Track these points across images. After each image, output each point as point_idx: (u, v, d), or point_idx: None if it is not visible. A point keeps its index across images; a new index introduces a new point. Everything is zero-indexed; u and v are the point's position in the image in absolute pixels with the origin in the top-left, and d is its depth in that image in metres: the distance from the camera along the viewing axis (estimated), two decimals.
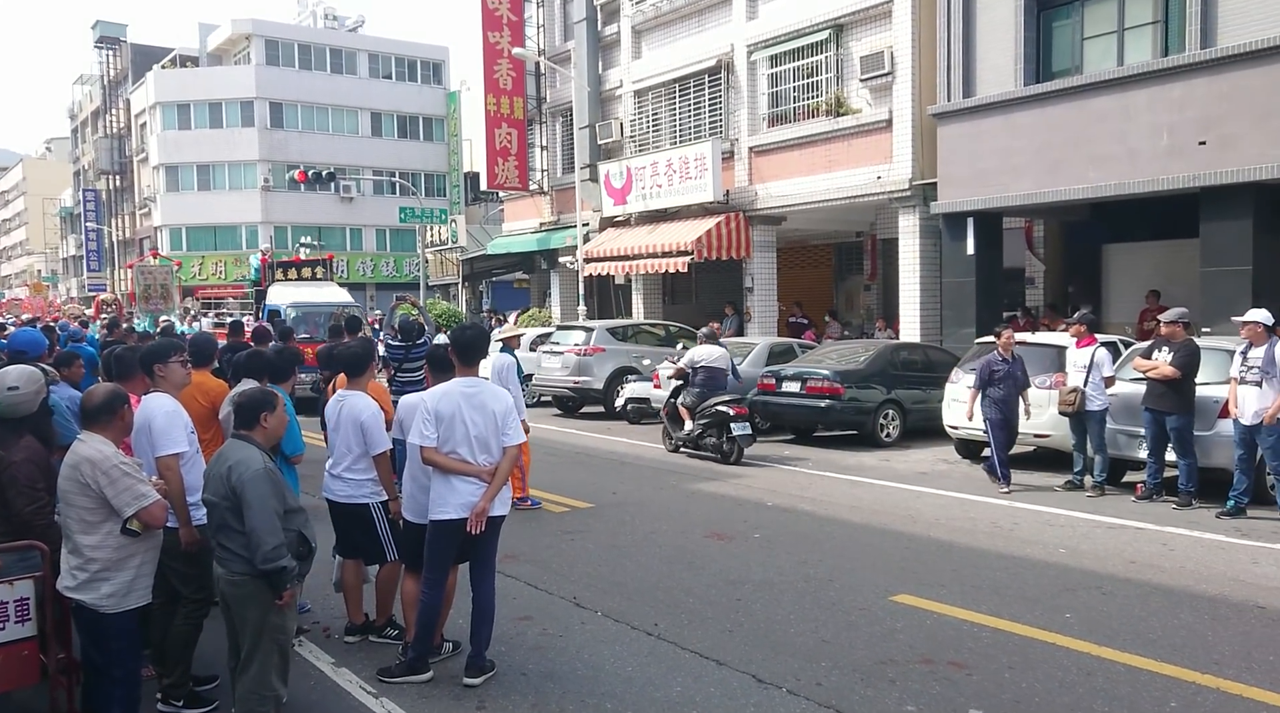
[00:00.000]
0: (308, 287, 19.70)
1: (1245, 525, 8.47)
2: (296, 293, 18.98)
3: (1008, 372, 10.23)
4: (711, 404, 12.28)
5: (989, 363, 10.33)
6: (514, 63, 25.63)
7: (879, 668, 5.32)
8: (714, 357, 12.58)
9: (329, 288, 20.20)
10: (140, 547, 4.15)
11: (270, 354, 6.06)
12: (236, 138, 47.50)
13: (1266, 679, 5.06)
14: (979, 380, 10.35)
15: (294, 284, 19.62)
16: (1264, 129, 11.88)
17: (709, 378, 12.48)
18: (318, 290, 19.42)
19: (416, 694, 5.07)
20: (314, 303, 18.98)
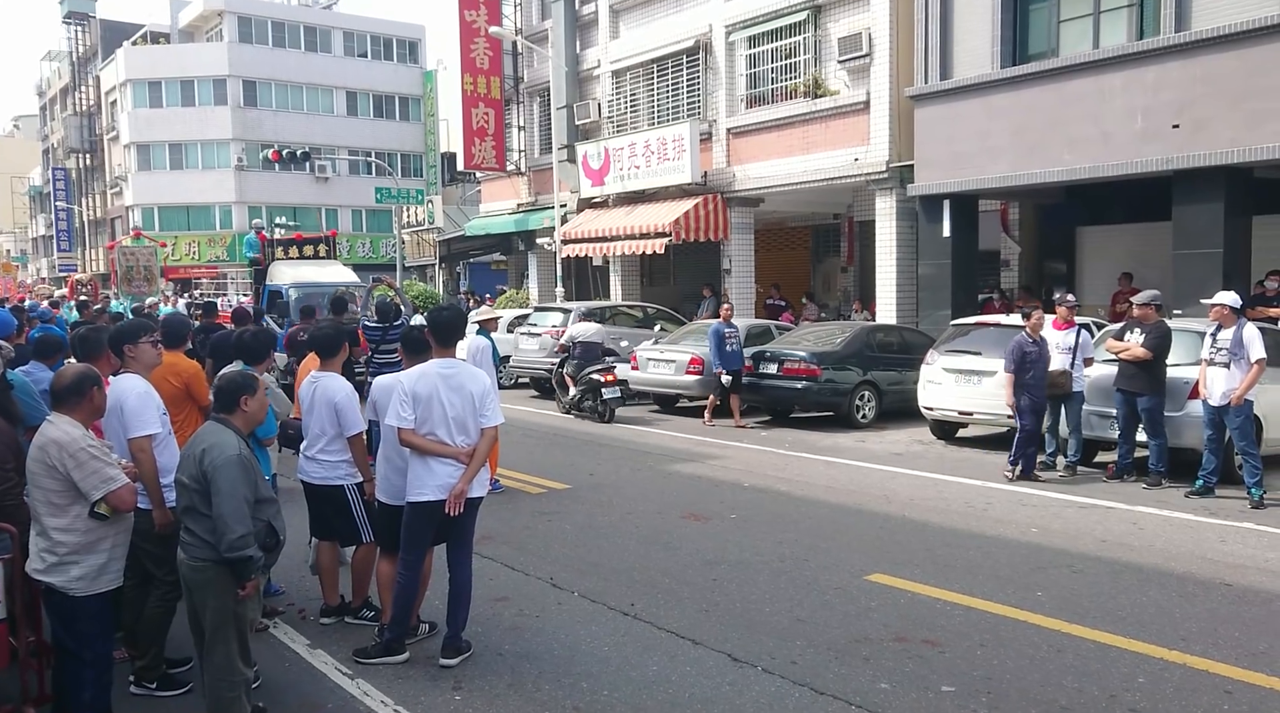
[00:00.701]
0: (310, 265, 18.27)
1: (1213, 505, 8.60)
2: (298, 272, 17.64)
3: (1039, 355, 9.74)
4: (586, 373, 14.26)
5: (1020, 345, 9.75)
6: (491, 42, 25.42)
7: (853, 646, 5.37)
8: (589, 332, 14.81)
9: (332, 267, 18.93)
10: (110, 530, 4.11)
11: (248, 336, 5.98)
12: (209, 116, 46.86)
13: (1232, 655, 5.16)
14: (1013, 364, 9.73)
15: (295, 262, 18.21)
16: (1236, 113, 11.98)
17: (585, 351, 14.60)
18: (320, 269, 18.01)
19: (393, 675, 5.07)
20: (317, 282, 17.59)
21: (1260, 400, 8.81)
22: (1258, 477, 8.54)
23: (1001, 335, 11.58)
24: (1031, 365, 9.70)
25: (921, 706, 4.62)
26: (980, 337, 11.82)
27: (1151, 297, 9.66)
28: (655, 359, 15.10)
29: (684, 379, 14.61)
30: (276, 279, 17.53)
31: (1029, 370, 9.69)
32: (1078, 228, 17.14)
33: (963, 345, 11.85)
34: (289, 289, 16.98)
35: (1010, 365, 9.78)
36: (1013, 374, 9.76)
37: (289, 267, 17.50)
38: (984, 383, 11.30)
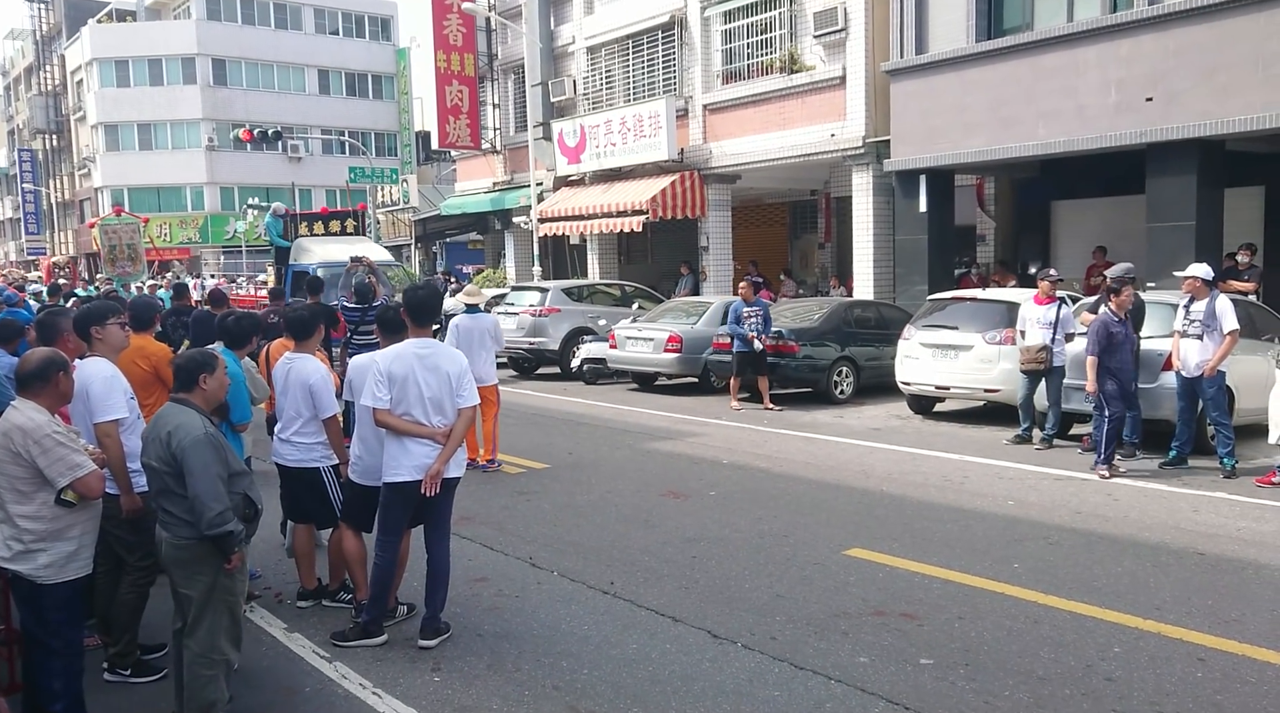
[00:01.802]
0: (338, 242, 16.39)
1: (1187, 475, 8.69)
2: (326, 250, 15.87)
3: (1125, 335, 8.85)
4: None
5: (1106, 325, 8.80)
6: (464, 18, 25.10)
7: (832, 621, 5.39)
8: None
9: (362, 243, 16.92)
10: (79, 517, 4.05)
11: (230, 321, 5.89)
12: (178, 95, 46.17)
13: (1205, 623, 5.22)
14: (1096, 346, 8.78)
15: (322, 240, 16.45)
16: (1208, 85, 12.02)
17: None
18: (350, 247, 16.13)
19: (371, 658, 5.05)
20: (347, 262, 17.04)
21: (1232, 371, 8.89)
22: (1230, 447, 8.63)
23: (978, 310, 11.66)
24: (1118, 347, 8.77)
25: (900, 678, 4.64)
26: (957, 311, 11.86)
27: (1124, 270, 9.72)
28: (633, 337, 15.06)
29: (662, 357, 14.58)
30: (302, 258, 15.79)
31: (1115, 353, 8.74)
32: (1052, 202, 17.20)
33: (940, 320, 11.88)
34: (317, 268, 15.34)
35: (1094, 347, 8.76)
36: (1096, 357, 8.76)
37: (315, 244, 15.90)
38: (961, 357, 11.35)
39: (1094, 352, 8.81)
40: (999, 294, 12.18)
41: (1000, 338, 10.93)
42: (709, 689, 4.58)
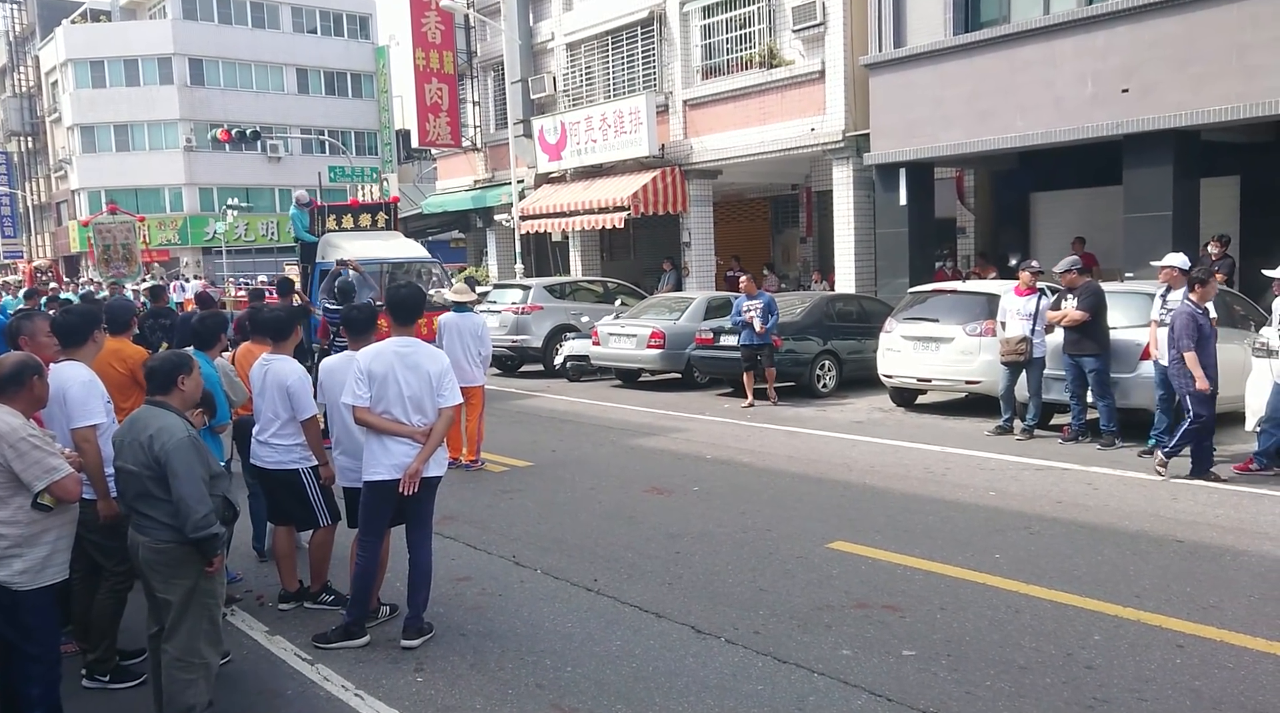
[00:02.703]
0: (370, 238, 14.96)
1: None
2: (357, 246, 14.43)
3: (1211, 328, 8.21)
4: None
5: (1193, 316, 8.10)
6: (442, 15, 24.99)
7: (815, 614, 5.40)
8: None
9: (396, 239, 15.46)
10: (54, 521, 4.01)
11: (195, 321, 5.84)
12: (155, 96, 45.75)
13: (1183, 610, 5.26)
14: (1191, 341, 8.04)
15: (351, 235, 14.91)
16: (1183, 76, 12.11)
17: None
18: (383, 243, 14.79)
19: (353, 659, 5.02)
20: (383, 259, 14.49)
21: None
22: None
23: (959, 302, 11.70)
24: (1205, 341, 8.14)
25: (883, 670, 4.66)
26: (938, 304, 11.90)
27: (1071, 262, 9.96)
28: (616, 334, 15.05)
29: (645, 353, 14.58)
30: (330, 255, 14.19)
31: (1204, 347, 8.12)
32: (1031, 194, 17.29)
33: (921, 313, 11.92)
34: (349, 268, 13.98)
35: (1188, 342, 8.08)
36: (1191, 352, 8.05)
37: (345, 240, 14.40)
38: (942, 349, 11.40)
39: (1190, 347, 8.05)
40: (979, 286, 12.23)
41: (981, 330, 10.98)
42: (693, 685, 4.58)
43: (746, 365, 12.90)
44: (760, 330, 12.57)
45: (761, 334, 12.56)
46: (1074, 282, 9.69)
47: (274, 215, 47.95)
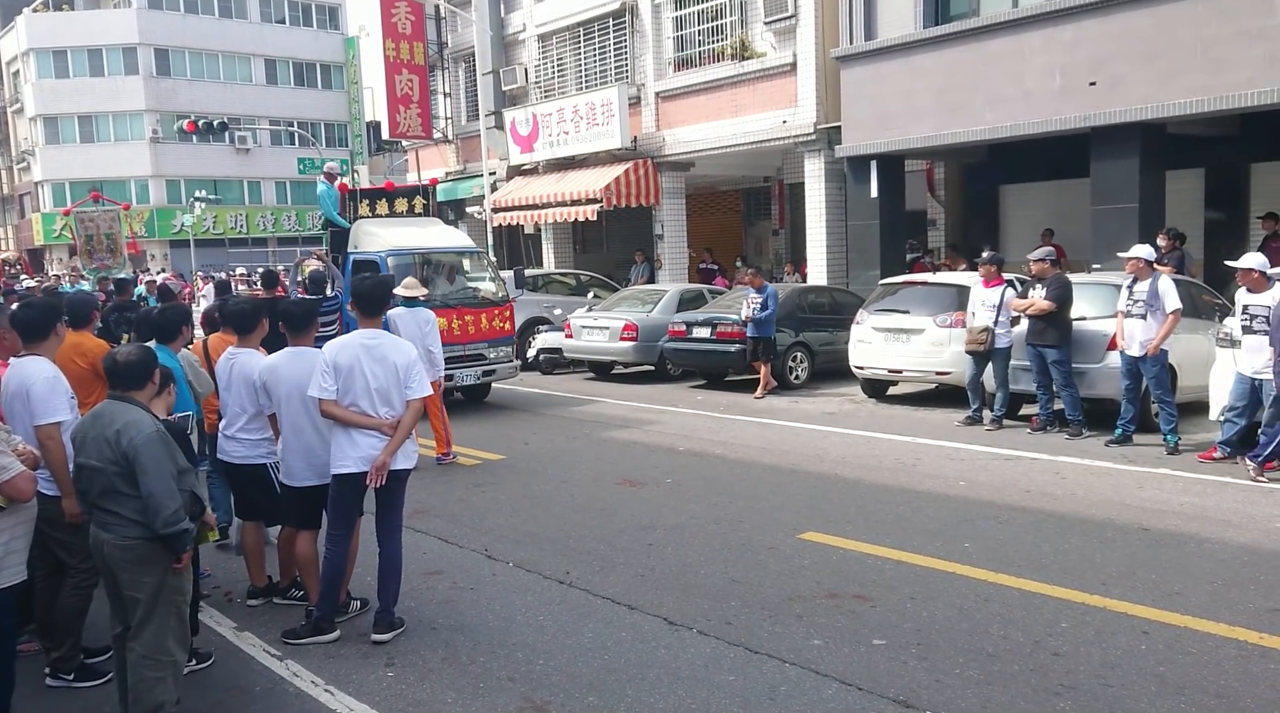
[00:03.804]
0: (407, 225, 13.33)
1: (1132, 452, 8.87)
2: (394, 235, 12.70)
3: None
4: None
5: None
6: (413, 6, 24.76)
7: (787, 604, 5.42)
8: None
9: (435, 226, 13.70)
10: (8, 521, 3.93)
11: (155, 314, 5.74)
12: (120, 86, 45.04)
13: (1149, 597, 5.33)
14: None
15: (387, 222, 13.28)
16: (1150, 70, 12.23)
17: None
18: (422, 230, 13.14)
19: (323, 654, 4.98)
20: (423, 249, 12.62)
21: (1175, 350, 9.08)
22: (1173, 424, 8.83)
23: (929, 293, 11.79)
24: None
25: (853, 660, 4.69)
26: (908, 296, 11.97)
27: (1045, 252, 10.02)
28: (589, 326, 15.02)
29: (618, 346, 14.57)
30: (365, 244, 12.55)
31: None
32: (1000, 186, 17.42)
33: (892, 304, 11.99)
34: (386, 257, 12.03)
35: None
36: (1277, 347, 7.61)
37: (380, 228, 12.82)
38: (913, 341, 11.47)
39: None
40: (949, 278, 12.32)
41: (951, 321, 11.06)
42: (664, 676, 4.59)
43: (751, 357, 12.99)
44: (745, 319, 12.64)
45: (747, 323, 12.65)
46: (1044, 271, 9.78)
47: (243, 208, 47.46)
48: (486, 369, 12.20)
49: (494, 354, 12.27)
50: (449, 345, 11.00)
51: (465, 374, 11.96)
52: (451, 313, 11.74)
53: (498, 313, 12.43)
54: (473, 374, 12.08)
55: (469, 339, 11.97)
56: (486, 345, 12.16)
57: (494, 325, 12.31)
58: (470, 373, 12.04)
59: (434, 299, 11.41)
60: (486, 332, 12.16)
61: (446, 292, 12.45)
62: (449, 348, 10.98)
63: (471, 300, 12.50)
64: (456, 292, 12.64)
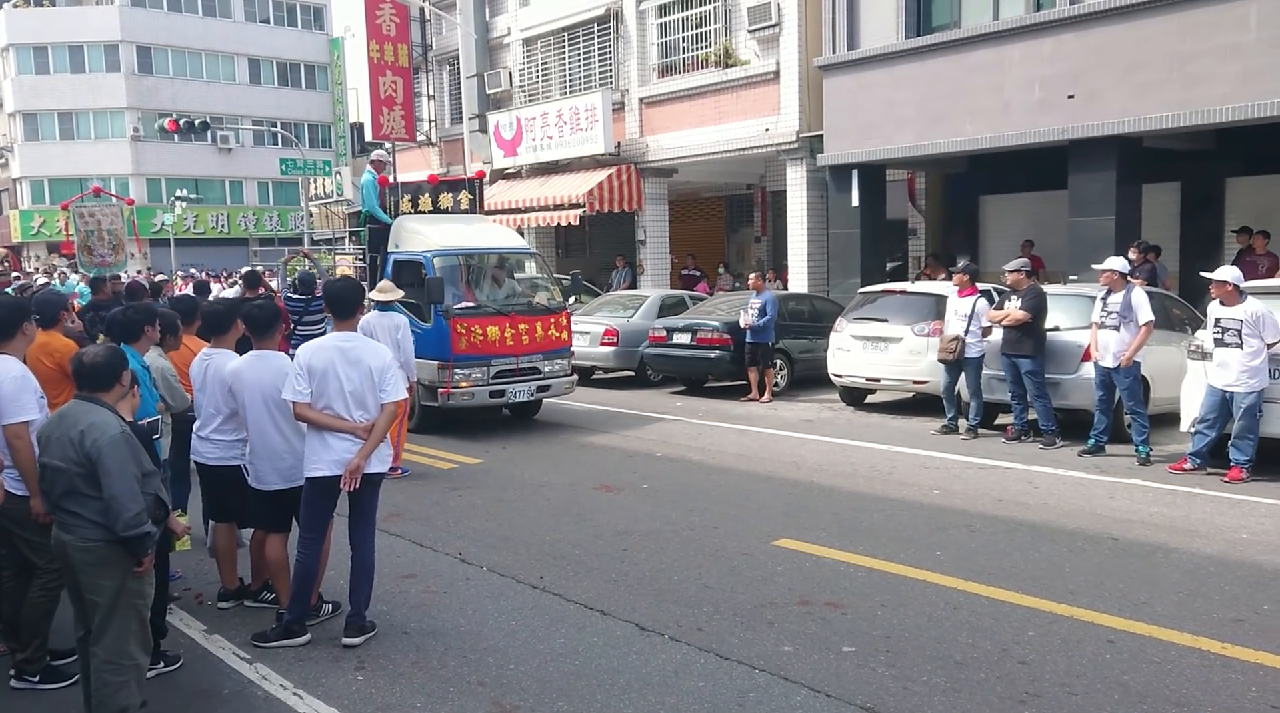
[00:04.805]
0: (453, 223, 12.15)
1: (1104, 463, 8.96)
2: (439, 233, 11.49)
3: None
4: None
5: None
6: (397, 8, 24.69)
7: (758, 611, 5.45)
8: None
9: (483, 224, 12.80)
10: None
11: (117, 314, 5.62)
12: (101, 83, 44.68)
13: (1115, 606, 5.38)
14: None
15: (432, 219, 12.09)
16: (1127, 84, 12.37)
17: None
18: (469, 228, 12.10)
19: (293, 658, 4.96)
20: (473, 249, 11.59)
21: (1148, 361, 9.19)
22: (1145, 435, 8.92)
23: (907, 302, 11.87)
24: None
25: (823, 666, 4.71)
26: (887, 304, 12.05)
27: (1021, 264, 10.12)
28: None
29: (599, 350, 14.59)
30: (407, 243, 11.41)
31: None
32: (981, 196, 17.55)
33: (870, 313, 12.06)
34: (431, 258, 10.83)
35: None
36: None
37: (423, 225, 11.69)
38: (891, 349, 11.54)
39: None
40: (927, 287, 12.40)
41: (928, 330, 11.14)
42: (635, 682, 4.60)
43: (749, 362, 13.04)
44: (745, 325, 12.71)
45: (747, 329, 12.73)
46: (1019, 282, 9.87)
47: (224, 207, 47.17)
48: (541, 384, 11.17)
49: (549, 367, 11.25)
50: (500, 356, 10.64)
51: (518, 389, 10.94)
52: (504, 321, 10.79)
53: (553, 321, 11.34)
54: (526, 389, 11.02)
55: (522, 351, 10.92)
56: (541, 357, 11.13)
57: (549, 335, 11.25)
58: (524, 388, 10.99)
59: (485, 306, 10.90)
60: (541, 342, 11.11)
61: (498, 297, 11.39)
62: (500, 360, 10.64)
63: (525, 307, 11.31)
64: (508, 298, 11.51)
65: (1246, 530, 6.77)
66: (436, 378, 10.42)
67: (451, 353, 10.39)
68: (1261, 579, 5.77)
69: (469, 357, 10.48)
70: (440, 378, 10.39)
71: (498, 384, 10.64)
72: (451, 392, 10.39)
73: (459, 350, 10.42)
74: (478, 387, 10.56)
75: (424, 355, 10.26)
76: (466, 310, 10.66)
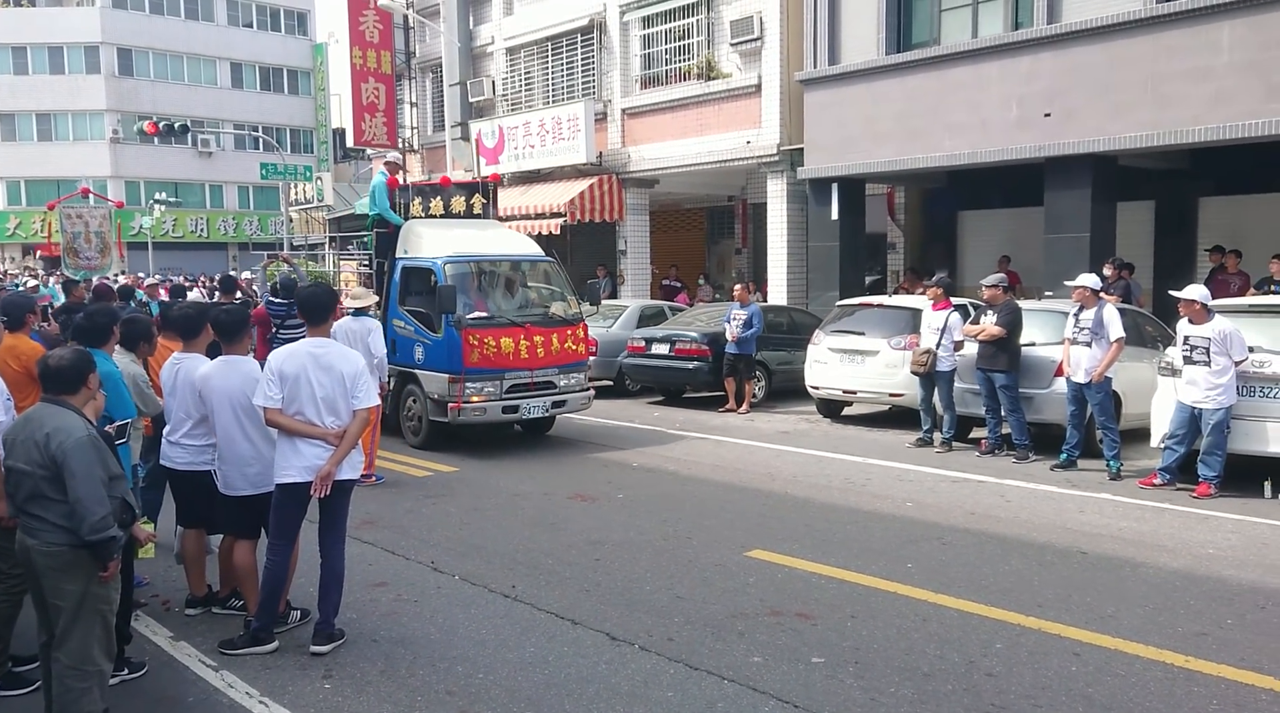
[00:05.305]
0: (465, 227, 11.52)
1: (1075, 477, 9.04)
2: (450, 238, 10.91)
3: None
4: None
5: None
6: (381, 14, 24.71)
7: (729, 622, 5.45)
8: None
9: (497, 229, 12.16)
10: None
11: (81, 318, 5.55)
12: (81, 85, 44.39)
13: (1082, 619, 5.43)
14: None
15: (443, 224, 11.47)
16: (1102, 103, 12.53)
17: None
18: (482, 234, 11.45)
19: (260, 665, 4.92)
20: (487, 256, 11.00)
21: (1119, 377, 9.28)
22: (1116, 450, 9.01)
23: (884, 316, 11.94)
24: None
25: (791, 677, 4.72)
26: (864, 317, 12.12)
27: (998, 279, 10.22)
28: None
29: None
30: (416, 249, 10.80)
31: None
32: (959, 212, 17.71)
33: (847, 326, 12.13)
34: (443, 265, 10.31)
35: None
36: None
37: (433, 229, 11.11)
38: (867, 362, 11.61)
39: None
40: (904, 301, 12.48)
41: (905, 344, 11.21)
42: (604, 691, 4.59)
43: (728, 372, 13.06)
44: (732, 338, 12.75)
45: (733, 342, 12.75)
46: (995, 297, 9.95)
47: (203, 211, 46.89)
48: (557, 399, 10.55)
49: (564, 381, 10.61)
50: (514, 370, 10.12)
51: (532, 405, 10.31)
52: (518, 332, 10.20)
53: (570, 333, 10.72)
54: (540, 405, 10.40)
55: (537, 364, 10.31)
56: (557, 371, 10.51)
57: (566, 347, 10.62)
58: (538, 404, 10.37)
59: (498, 317, 10.34)
60: (558, 355, 10.49)
61: (511, 307, 10.81)
62: (514, 374, 10.12)
63: (541, 318, 10.74)
64: (523, 308, 10.96)
65: (1213, 546, 6.84)
66: (446, 392, 9.87)
67: (463, 366, 9.84)
68: (1226, 594, 5.83)
69: (481, 370, 9.91)
70: (450, 392, 9.85)
71: (511, 399, 10.10)
72: (462, 407, 9.85)
73: (471, 363, 9.83)
74: (490, 402, 10.00)
75: (433, 368, 10.02)
76: (479, 321, 10.08)
